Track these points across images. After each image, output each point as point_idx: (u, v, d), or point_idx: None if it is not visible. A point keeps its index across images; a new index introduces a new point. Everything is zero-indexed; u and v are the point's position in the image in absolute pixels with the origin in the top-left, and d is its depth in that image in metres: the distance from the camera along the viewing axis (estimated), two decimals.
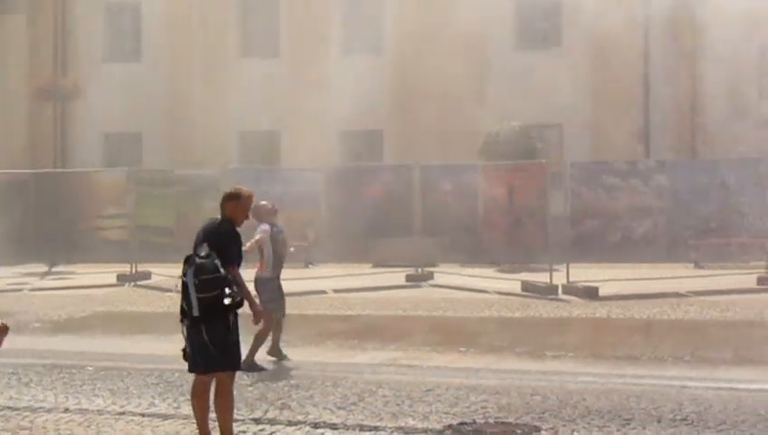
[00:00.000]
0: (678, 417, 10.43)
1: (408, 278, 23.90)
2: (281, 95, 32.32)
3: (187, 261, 8.71)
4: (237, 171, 27.79)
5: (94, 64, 34.19)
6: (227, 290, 8.63)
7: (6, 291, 23.56)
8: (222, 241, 8.92)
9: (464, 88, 30.91)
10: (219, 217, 9.24)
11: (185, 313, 8.75)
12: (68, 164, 33.73)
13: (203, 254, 8.67)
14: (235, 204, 9.27)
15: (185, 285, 8.67)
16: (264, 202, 14.15)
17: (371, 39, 32.85)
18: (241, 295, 8.91)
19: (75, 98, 33.56)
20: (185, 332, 8.80)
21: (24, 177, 29.92)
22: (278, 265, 14.17)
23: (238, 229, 9.27)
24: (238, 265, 9.08)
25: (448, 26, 30.80)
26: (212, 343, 8.63)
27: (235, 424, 10.34)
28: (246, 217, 9.47)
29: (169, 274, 24.66)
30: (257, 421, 10.50)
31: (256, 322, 9.89)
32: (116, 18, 35.02)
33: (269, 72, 32.64)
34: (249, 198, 9.41)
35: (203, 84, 33.46)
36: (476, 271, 24.41)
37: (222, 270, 8.65)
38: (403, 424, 10.33)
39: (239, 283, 8.98)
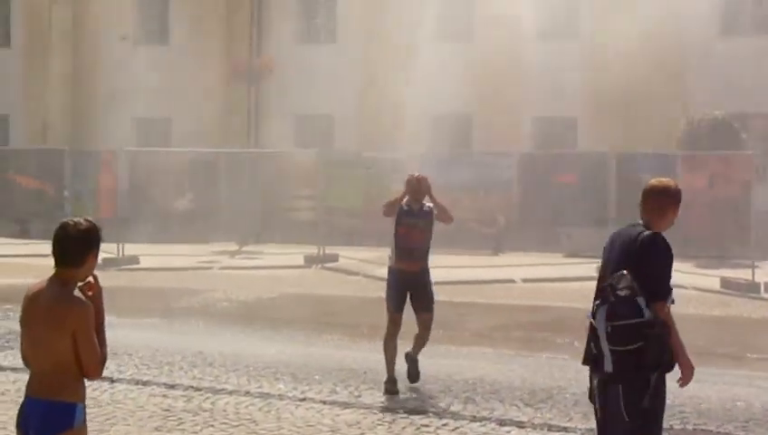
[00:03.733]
0: None
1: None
2: (473, 79, 31.82)
3: (600, 295, 6.36)
4: (425, 155, 27.44)
5: (287, 46, 34.40)
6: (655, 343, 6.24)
7: (197, 269, 23.79)
8: (649, 262, 6.42)
9: (661, 75, 29.85)
10: (641, 222, 6.65)
11: (595, 361, 6.41)
12: (260, 144, 34.04)
13: (622, 287, 6.25)
14: (673, 202, 6.71)
15: (592, 327, 6.39)
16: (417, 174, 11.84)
17: (566, 23, 32.04)
18: (669, 350, 6.36)
19: (267, 79, 33.92)
20: (595, 388, 6.53)
21: (217, 156, 30.27)
22: (400, 254, 11.47)
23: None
24: (668, 298, 6.49)
25: (644, 9, 29.72)
26: (627, 412, 6.32)
27: (417, 416, 9.98)
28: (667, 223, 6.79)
29: (357, 257, 24.60)
30: (440, 415, 10.08)
31: (684, 382, 6.60)
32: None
33: (460, 56, 32.16)
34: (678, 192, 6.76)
35: (395, 68, 33.23)
36: (674, 265, 23.40)
37: (646, 311, 6.27)
38: (594, 426, 9.71)
39: (668, 326, 6.38)
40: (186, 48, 35.16)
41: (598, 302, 6.32)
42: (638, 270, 6.28)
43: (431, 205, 11.56)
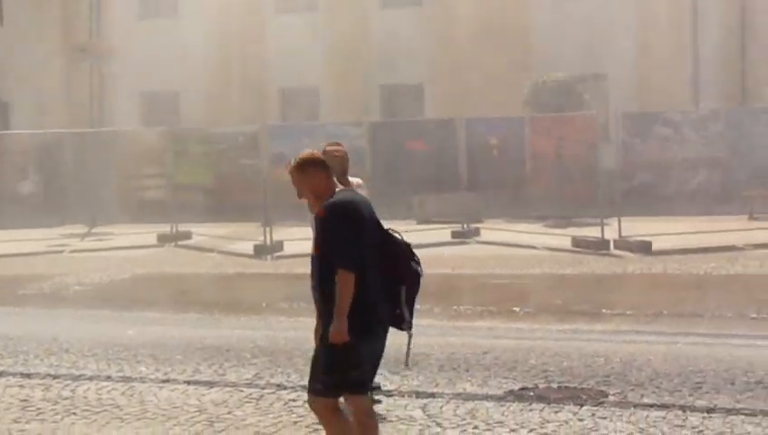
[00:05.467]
0: (753, 380, 9.85)
1: (454, 235, 23.30)
2: (319, 50, 31.75)
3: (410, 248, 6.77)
4: (276, 128, 27.28)
5: (129, 22, 33.69)
6: None
7: (46, 253, 23.20)
8: None
9: (506, 38, 30.26)
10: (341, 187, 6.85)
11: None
12: (106, 124, 33.35)
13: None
14: None
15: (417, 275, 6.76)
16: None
17: None
18: None
19: (110, 59, 33.19)
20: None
21: (62, 137, 29.52)
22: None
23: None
24: None
25: None
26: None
27: (284, 391, 9.90)
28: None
29: (210, 233, 24.34)
30: (306, 388, 10.00)
31: None
32: None
33: (306, 26, 32.01)
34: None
35: (241, 41, 32.92)
36: (524, 226, 23.79)
37: None
38: (461, 390, 9.81)
39: None
40: (22, 28, 34.14)
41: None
42: None
43: (360, 181, 9.70)
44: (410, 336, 6.87)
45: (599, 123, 23.27)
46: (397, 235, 6.73)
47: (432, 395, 9.59)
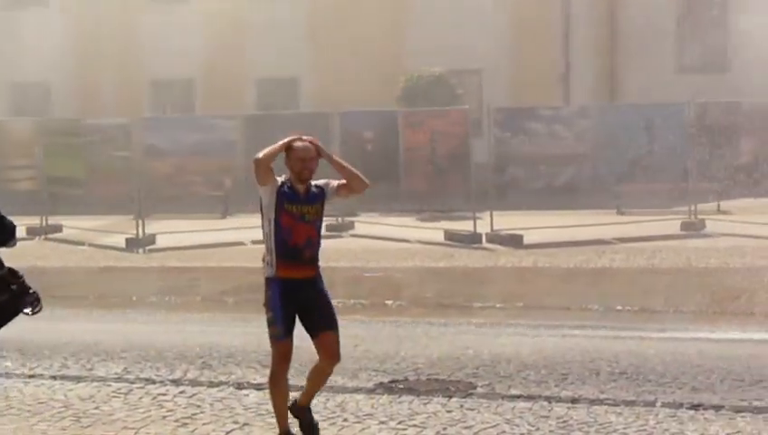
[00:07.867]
0: (617, 370, 10.09)
1: (328, 228, 23.27)
2: (194, 42, 31.49)
3: None
4: (149, 120, 26.98)
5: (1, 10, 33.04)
6: None
7: None
8: None
9: (379, 33, 30.42)
10: None
11: None
12: None
13: None
14: None
15: None
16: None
17: None
18: None
19: None
20: None
21: None
22: (283, 256, 8.16)
23: None
24: None
25: None
26: None
27: (153, 386, 9.82)
28: None
29: (82, 226, 23.98)
30: (177, 383, 9.95)
31: None
32: None
33: (181, 18, 31.74)
34: None
35: (114, 32, 32.49)
36: (398, 220, 23.93)
37: None
38: (332, 383, 9.81)
39: None
40: None
41: None
42: None
43: (320, 184, 8.04)
44: None
45: (471, 118, 23.53)
46: None
47: (302, 388, 9.59)
